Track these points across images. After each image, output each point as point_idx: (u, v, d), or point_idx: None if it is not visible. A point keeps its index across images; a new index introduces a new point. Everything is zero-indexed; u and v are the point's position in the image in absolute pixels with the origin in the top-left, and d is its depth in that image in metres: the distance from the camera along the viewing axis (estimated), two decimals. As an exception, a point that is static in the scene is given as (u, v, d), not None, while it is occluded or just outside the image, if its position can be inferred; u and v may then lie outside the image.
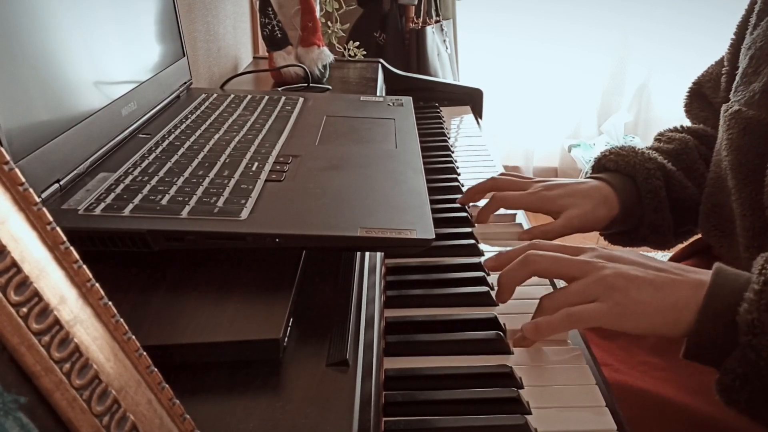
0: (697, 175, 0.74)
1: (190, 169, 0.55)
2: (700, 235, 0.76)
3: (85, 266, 0.25)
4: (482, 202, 0.75)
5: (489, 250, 0.65)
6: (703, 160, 0.76)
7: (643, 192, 0.70)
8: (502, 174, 0.76)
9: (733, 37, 0.74)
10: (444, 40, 2.22)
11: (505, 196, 0.70)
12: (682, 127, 0.82)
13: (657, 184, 0.70)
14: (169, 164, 0.56)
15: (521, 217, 0.74)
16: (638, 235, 0.74)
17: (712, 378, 0.49)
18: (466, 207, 0.73)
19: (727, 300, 0.45)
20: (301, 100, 0.80)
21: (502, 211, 0.74)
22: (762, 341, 0.42)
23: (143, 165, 0.55)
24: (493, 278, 0.59)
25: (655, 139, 0.81)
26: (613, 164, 0.73)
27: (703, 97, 0.81)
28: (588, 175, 0.76)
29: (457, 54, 2.36)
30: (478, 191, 0.73)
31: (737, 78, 0.67)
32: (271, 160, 0.58)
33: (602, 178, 0.72)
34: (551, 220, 0.70)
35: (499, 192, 0.71)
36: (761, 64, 0.63)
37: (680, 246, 0.82)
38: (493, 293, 0.57)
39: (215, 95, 0.80)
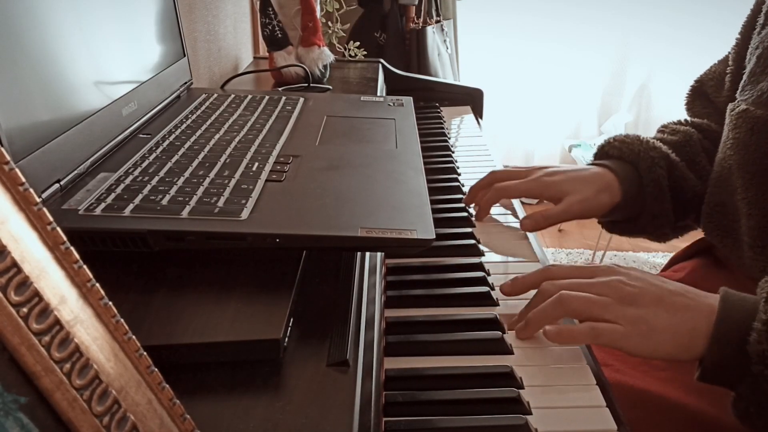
0: (699, 168, 0.74)
1: (190, 169, 0.55)
2: (702, 236, 0.76)
3: (85, 266, 0.25)
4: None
5: (489, 251, 0.65)
6: (706, 154, 0.75)
7: (646, 180, 0.70)
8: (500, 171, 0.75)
9: (738, 37, 0.73)
10: (444, 40, 2.22)
11: (505, 186, 0.70)
12: (686, 120, 0.81)
13: (660, 173, 0.70)
14: (169, 164, 0.56)
15: (519, 211, 0.74)
16: (638, 224, 0.73)
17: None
18: (467, 207, 0.73)
19: (735, 327, 0.46)
20: (301, 100, 0.80)
21: (502, 211, 0.74)
22: None
23: (144, 165, 0.55)
24: (493, 278, 0.59)
25: (659, 131, 0.80)
26: (617, 151, 0.72)
27: (704, 95, 0.81)
28: (590, 161, 0.76)
29: (457, 54, 2.36)
30: (479, 188, 0.72)
31: (744, 77, 0.67)
32: (272, 160, 0.58)
33: (605, 165, 0.72)
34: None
35: (499, 183, 0.71)
36: None
37: (682, 246, 0.82)
38: (493, 293, 0.57)
39: (215, 95, 0.80)
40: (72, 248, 0.25)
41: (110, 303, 0.26)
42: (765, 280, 0.49)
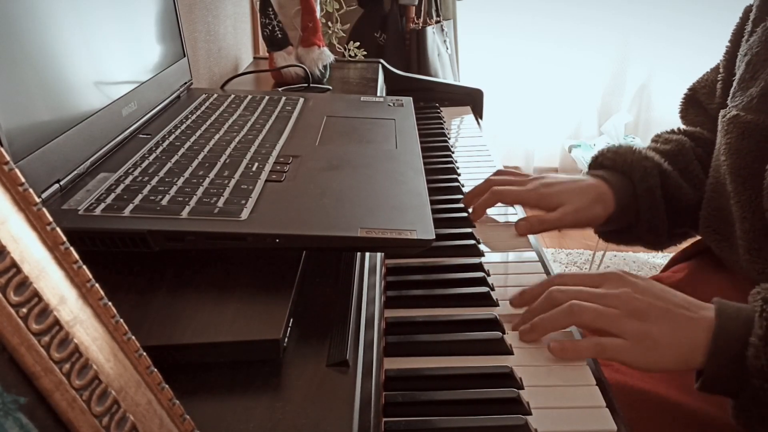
0: (692, 176, 0.75)
1: (190, 170, 0.55)
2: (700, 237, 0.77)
3: (84, 266, 0.25)
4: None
5: (489, 251, 0.65)
6: (699, 162, 0.76)
7: (639, 190, 0.71)
8: (498, 171, 0.76)
9: (728, 45, 0.75)
10: (444, 41, 2.22)
11: (502, 190, 0.70)
12: (678, 129, 0.82)
13: (653, 183, 0.71)
14: (169, 164, 0.56)
15: (520, 213, 0.74)
16: (633, 233, 0.74)
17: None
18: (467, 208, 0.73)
19: (732, 341, 0.47)
20: (301, 100, 0.80)
21: (501, 211, 0.74)
22: None
23: (143, 165, 0.55)
24: (493, 279, 0.59)
25: (652, 141, 0.82)
26: (611, 162, 0.73)
27: (698, 103, 0.82)
28: (585, 172, 0.77)
29: (457, 54, 2.36)
30: (476, 194, 0.73)
31: (735, 84, 0.68)
32: (272, 160, 0.58)
33: (599, 176, 0.72)
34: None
35: (498, 186, 0.71)
36: (758, 70, 0.64)
37: (682, 247, 0.82)
38: (493, 293, 0.57)
39: (215, 95, 0.80)
40: (71, 248, 0.25)
41: (110, 303, 0.26)
42: (756, 291, 0.50)
